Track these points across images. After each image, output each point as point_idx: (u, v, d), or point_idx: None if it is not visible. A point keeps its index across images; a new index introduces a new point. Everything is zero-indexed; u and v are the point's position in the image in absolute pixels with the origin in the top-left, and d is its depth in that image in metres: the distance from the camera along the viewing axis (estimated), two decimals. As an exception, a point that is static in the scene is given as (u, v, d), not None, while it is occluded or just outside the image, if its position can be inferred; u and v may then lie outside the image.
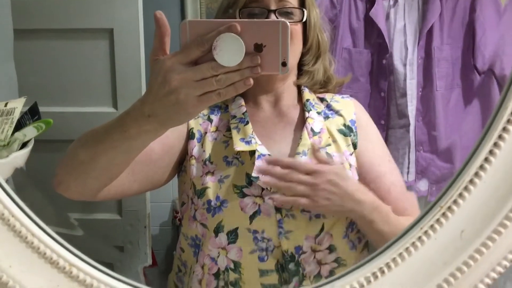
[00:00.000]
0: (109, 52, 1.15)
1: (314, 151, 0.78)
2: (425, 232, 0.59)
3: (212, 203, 0.77)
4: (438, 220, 0.58)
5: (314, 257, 0.77)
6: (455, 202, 0.57)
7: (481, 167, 0.57)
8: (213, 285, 0.79)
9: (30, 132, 0.85)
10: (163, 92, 0.57)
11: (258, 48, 0.57)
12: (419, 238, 0.59)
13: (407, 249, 0.59)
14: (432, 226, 0.58)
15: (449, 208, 0.58)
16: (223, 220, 0.77)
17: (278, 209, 0.76)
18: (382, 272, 0.59)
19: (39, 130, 0.85)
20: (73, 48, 1.16)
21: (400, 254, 0.59)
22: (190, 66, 0.57)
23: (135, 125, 0.61)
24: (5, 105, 0.77)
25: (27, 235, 0.57)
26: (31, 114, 0.88)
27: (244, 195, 0.77)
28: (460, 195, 0.57)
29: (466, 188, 0.57)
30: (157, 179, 0.82)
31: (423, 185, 1.18)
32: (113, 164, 0.68)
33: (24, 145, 0.84)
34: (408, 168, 1.17)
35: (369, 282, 0.59)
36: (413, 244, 0.59)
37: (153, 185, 0.82)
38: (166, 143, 0.79)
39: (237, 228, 0.76)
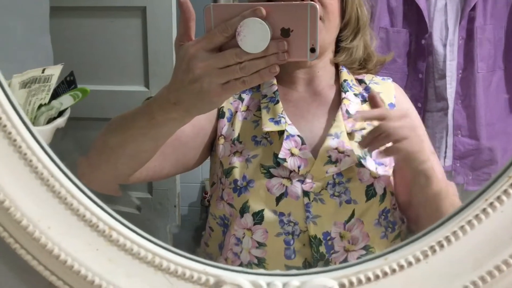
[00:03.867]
0: (142, 30, 1.14)
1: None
2: (491, 204, 0.54)
3: (238, 183, 0.76)
4: (505, 191, 0.53)
5: (342, 243, 0.75)
6: (527, 171, 0.52)
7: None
8: (237, 263, 0.78)
9: (66, 100, 0.84)
10: (187, 80, 0.56)
11: (285, 33, 0.54)
12: (484, 210, 0.54)
13: (469, 222, 0.54)
14: (498, 198, 0.54)
15: (520, 177, 0.52)
16: (249, 200, 0.76)
17: (306, 193, 0.74)
18: (441, 246, 0.55)
19: (76, 98, 0.85)
20: (106, 26, 1.15)
21: (462, 227, 0.55)
22: (214, 53, 0.55)
23: (162, 112, 0.61)
24: (43, 72, 0.76)
25: (67, 196, 0.56)
26: (68, 84, 0.87)
27: (271, 176, 0.75)
28: (534, 163, 0.52)
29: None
30: (188, 161, 0.81)
31: (460, 172, 1.14)
32: (141, 150, 0.68)
33: (60, 114, 0.83)
34: (445, 153, 1.14)
35: (426, 256, 0.55)
36: (476, 216, 0.54)
37: (185, 167, 0.81)
38: (196, 124, 0.78)
39: (262, 210, 0.75)
